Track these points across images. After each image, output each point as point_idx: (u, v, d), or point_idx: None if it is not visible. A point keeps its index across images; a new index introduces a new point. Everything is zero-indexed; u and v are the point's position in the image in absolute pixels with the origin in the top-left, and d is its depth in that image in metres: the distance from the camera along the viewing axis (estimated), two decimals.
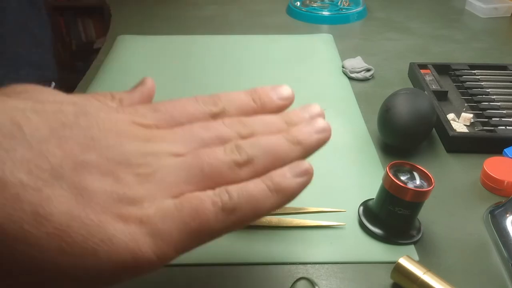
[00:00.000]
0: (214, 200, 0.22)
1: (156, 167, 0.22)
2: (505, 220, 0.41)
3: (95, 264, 0.20)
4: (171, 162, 0.23)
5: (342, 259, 0.39)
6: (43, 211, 0.19)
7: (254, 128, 0.26)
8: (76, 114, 0.22)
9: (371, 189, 0.44)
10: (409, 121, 0.49)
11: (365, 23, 0.93)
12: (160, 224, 0.21)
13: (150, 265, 0.21)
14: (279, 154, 0.25)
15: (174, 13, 0.95)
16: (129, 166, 0.22)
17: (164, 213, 0.21)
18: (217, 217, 0.22)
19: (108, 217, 0.20)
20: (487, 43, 0.83)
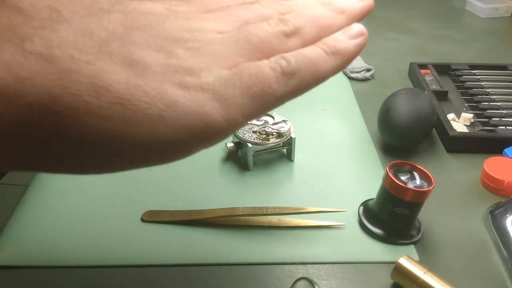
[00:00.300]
0: (272, 66, 0.22)
1: (204, 41, 0.22)
2: (505, 220, 0.41)
3: (165, 131, 0.19)
4: (218, 36, 0.22)
5: (342, 259, 0.39)
6: (100, 82, 0.18)
7: (292, 8, 0.25)
8: (110, 2, 0.21)
9: (371, 189, 0.44)
10: (409, 121, 0.49)
11: (365, 23, 0.92)
12: (222, 90, 0.20)
13: (221, 130, 0.20)
14: (325, 23, 0.25)
15: None
16: (177, 42, 0.21)
17: (224, 80, 0.21)
18: (278, 81, 0.22)
19: (168, 86, 0.19)
20: (487, 43, 0.83)
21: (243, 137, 0.49)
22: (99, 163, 0.20)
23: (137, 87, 0.19)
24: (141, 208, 0.44)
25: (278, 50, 0.23)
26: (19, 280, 0.37)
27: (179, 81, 0.20)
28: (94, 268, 0.39)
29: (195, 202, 0.45)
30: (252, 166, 0.50)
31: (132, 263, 0.39)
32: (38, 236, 0.41)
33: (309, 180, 0.49)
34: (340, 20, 0.26)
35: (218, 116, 0.20)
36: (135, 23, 0.21)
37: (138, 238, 0.41)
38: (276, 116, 0.51)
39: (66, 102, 0.18)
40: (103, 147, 0.19)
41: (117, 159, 0.20)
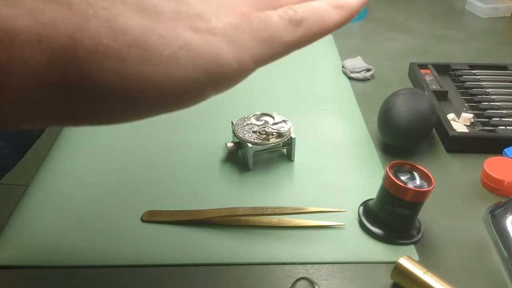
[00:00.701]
0: (280, 15, 0.23)
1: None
2: (505, 220, 0.41)
3: (179, 71, 0.20)
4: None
5: (342, 259, 0.39)
6: (118, 26, 0.19)
7: None
8: None
9: (371, 189, 0.44)
10: (409, 121, 0.49)
11: (365, 23, 0.93)
12: (233, 34, 0.21)
13: (232, 71, 0.21)
14: None
15: None
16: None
17: (234, 25, 0.21)
18: (286, 28, 0.23)
19: (180, 30, 0.20)
20: (487, 43, 0.83)
21: (243, 137, 0.49)
22: (118, 109, 0.20)
23: (152, 31, 0.19)
24: (141, 208, 0.44)
25: (282, 2, 0.24)
26: (19, 280, 0.37)
27: (190, 26, 0.20)
28: (94, 268, 0.39)
29: (195, 202, 0.45)
30: (252, 166, 0.50)
31: (132, 263, 0.39)
32: (38, 236, 0.41)
33: (309, 180, 0.49)
34: None
35: (229, 57, 0.21)
36: None
37: (138, 238, 0.41)
38: (276, 116, 0.51)
39: (86, 46, 0.18)
40: (122, 90, 0.19)
41: (135, 103, 0.20)
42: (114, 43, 0.19)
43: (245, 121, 0.51)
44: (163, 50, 0.19)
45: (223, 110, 0.60)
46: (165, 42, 0.20)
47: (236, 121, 0.51)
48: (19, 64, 0.18)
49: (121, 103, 0.20)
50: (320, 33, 0.24)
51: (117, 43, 0.19)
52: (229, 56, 0.21)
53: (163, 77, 0.20)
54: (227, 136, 0.54)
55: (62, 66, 0.18)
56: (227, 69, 0.21)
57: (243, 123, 0.51)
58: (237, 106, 0.61)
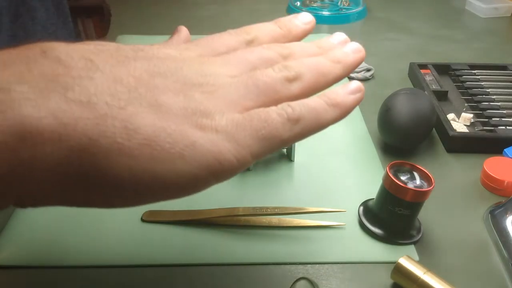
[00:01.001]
0: (279, 112, 0.24)
1: (217, 85, 0.24)
2: (505, 220, 0.41)
3: (185, 168, 0.22)
4: (229, 81, 0.25)
5: (342, 259, 0.39)
6: (131, 125, 0.21)
7: (292, 50, 0.28)
8: (134, 50, 0.25)
9: (371, 189, 0.44)
10: (409, 121, 0.49)
11: (365, 23, 0.93)
12: (234, 132, 0.23)
13: (231, 167, 0.23)
14: (323, 70, 0.28)
15: (174, 13, 0.95)
16: (193, 86, 0.24)
17: (236, 123, 0.23)
18: (284, 127, 0.24)
19: (187, 127, 0.22)
20: (487, 43, 0.83)
21: None
22: (125, 198, 0.22)
23: (162, 129, 0.21)
24: (141, 208, 0.44)
25: (281, 94, 0.26)
26: (19, 280, 0.37)
27: (196, 123, 0.22)
28: (94, 268, 0.39)
29: (195, 202, 0.45)
30: (252, 166, 0.50)
31: (132, 263, 0.39)
32: (38, 236, 0.41)
33: (309, 180, 0.49)
34: (336, 69, 0.29)
35: (230, 155, 0.23)
36: (157, 69, 0.24)
37: (138, 238, 0.41)
38: None
39: (101, 144, 0.20)
40: (130, 183, 0.21)
41: (140, 194, 0.22)
42: (127, 142, 0.20)
43: None
44: (171, 148, 0.21)
45: None
46: (172, 141, 0.21)
47: None
48: (41, 159, 0.19)
49: (128, 193, 0.21)
50: (316, 130, 0.27)
51: (130, 141, 0.21)
52: (230, 154, 0.23)
53: (169, 173, 0.21)
54: None
55: (78, 161, 0.20)
56: (227, 165, 0.23)
57: None
58: None
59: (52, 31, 0.61)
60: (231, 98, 0.24)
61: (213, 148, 0.22)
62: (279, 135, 0.24)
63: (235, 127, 0.23)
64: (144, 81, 0.23)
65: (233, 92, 0.24)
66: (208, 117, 0.23)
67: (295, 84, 0.26)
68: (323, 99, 0.26)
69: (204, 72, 0.25)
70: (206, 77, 0.24)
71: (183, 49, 0.27)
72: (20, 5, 0.54)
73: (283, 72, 0.26)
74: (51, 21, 0.61)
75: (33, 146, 0.19)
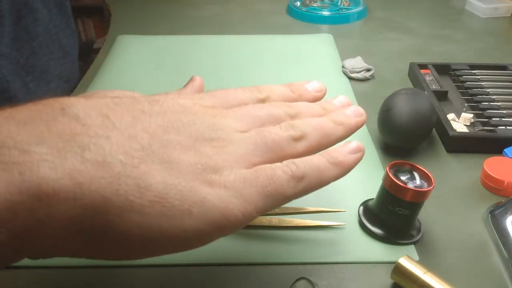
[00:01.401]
0: (284, 170, 0.26)
1: (227, 140, 0.26)
2: (505, 220, 0.41)
3: (192, 224, 0.22)
4: (239, 136, 0.26)
5: (342, 259, 0.39)
6: (143, 183, 0.22)
7: (299, 110, 0.30)
8: (150, 102, 0.25)
9: (371, 189, 0.44)
10: (409, 121, 0.49)
11: (365, 23, 0.93)
12: (241, 188, 0.24)
13: (237, 222, 0.24)
14: (327, 131, 0.29)
15: (174, 13, 0.95)
16: (205, 141, 0.25)
17: (244, 179, 0.24)
18: (288, 184, 0.25)
19: (197, 184, 0.23)
20: (487, 43, 0.83)
21: None
22: (132, 252, 0.23)
23: (172, 186, 0.22)
24: None
25: (287, 153, 0.27)
26: (19, 280, 0.37)
27: (205, 179, 0.23)
28: (94, 268, 0.39)
29: None
30: None
31: (132, 263, 0.39)
32: None
33: None
34: (339, 131, 0.30)
35: (236, 211, 0.23)
36: (171, 124, 0.25)
37: None
38: None
39: (114, 202, 0.21)
40: (139, 239, 0.22)
41: (148, 249, 0.23)
42: (139, 199, 0.21)
43: None
44: (180, 205, 0.22)
45: None
46: (182, 197, 0.22)
47: None
48: (55, 218, 0.20)
49: (135, 247, 0.22)
50: (318, 187, 0.28)
51: (141, 199, 0.21)
52: (236, 210, 0.23)
53: (176, 229, 0.22)
54: None
55: (90, 219, 0.21)
56: (233, 220, 0.23)
57: None
58: None
59: (54, 32, 0.61)
60: (240, 153, 0.25)
61: (220, 204, 0.23)
62: (283, 192, 0.25)
63: (243, 183, 0.24)
64: (158, 137, 0.23)
65: (242, 148, 0.26)
66: (217, 172, 0.24)
67: (300, 143, 0.28)
68: (325, 157, 0.28)
69: (216, 126, 0.26)
70: (218, 131, 0.26)
71: (197, 99, 0.28)
72: (23, 7, 0.55)
73: (290, 131, 0.28)
74: (53, 22, 0.61)
75: (49, 206, 0.20)
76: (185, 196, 0.22)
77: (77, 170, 0.21)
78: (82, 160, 0.21)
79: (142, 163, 0.22)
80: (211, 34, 0.83)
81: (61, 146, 0.21)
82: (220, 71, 0.71)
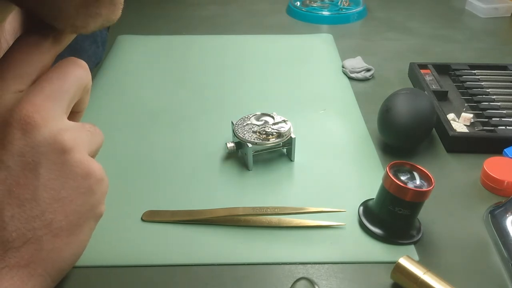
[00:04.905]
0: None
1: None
2: (505, 220, 0.41)
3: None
4: None
5: (342, 259, 0.39)
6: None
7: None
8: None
9: (371, 189, 0.44)
10: (409, 121, 0.49)
11: (365, 23, 0.93)
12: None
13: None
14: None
15: (174, 13, 0.95)
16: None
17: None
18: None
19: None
20: (487, 43, 0.83)
21: (243, 137, 0.49)
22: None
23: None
24: (141, 208, 0.44)
25: None
26: None
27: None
28: (94, 268, 0.39)
29: (195, 202, 0.45)
30: (252, 166, 0.50)
31: (132, 263, 0.39)
32: None
33: (309, 180, 0.49)
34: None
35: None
36: None
37: (138, 238, 0.41)
38: (276, 116, 0.51)
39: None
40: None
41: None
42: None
43: (245, 121, 0.51)
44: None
45: (223, 110, 0.60)
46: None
47: (236, 121, 0.51)
48: None
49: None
50: None
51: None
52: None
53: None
54: (227, 136, 0.54)
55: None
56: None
57: (243, 123, 0.51)
58: (237, 106, 0.61)
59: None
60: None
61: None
62: None
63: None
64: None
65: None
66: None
67: None
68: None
69: None
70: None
71: None
72: (66, 54, 0.57)
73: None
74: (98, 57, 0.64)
75: None
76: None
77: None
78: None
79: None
80: (211, 34, 0.83)
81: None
82: (220, 71, 0.71)
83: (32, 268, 0.28)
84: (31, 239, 0.28)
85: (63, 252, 0.29)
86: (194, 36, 0.83)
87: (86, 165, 0.29)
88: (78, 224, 0.30)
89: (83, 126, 0.31)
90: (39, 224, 0.28)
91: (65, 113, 0.30)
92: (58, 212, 0.28)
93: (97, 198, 0.31)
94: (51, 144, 0.28)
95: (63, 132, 0.28)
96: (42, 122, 0.27)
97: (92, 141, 0.31)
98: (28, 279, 0.28)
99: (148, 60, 0.74)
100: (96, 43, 0.69)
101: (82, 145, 0.29)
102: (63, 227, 0.29)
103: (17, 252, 0.27)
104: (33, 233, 0.28)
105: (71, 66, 0.30)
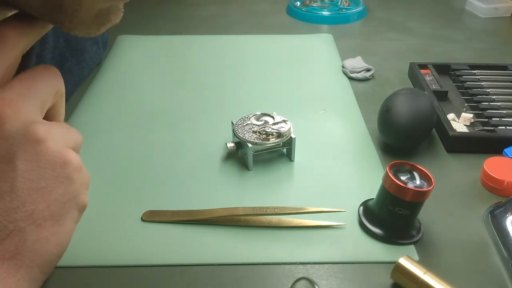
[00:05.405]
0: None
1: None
2: (505, 220, 0.41)
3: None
4: None
5: (342, 259, 0.39)
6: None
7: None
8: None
9: (371, 189, 0.44)
10: (409, 121, 0.49)
11: (365, 23, 0.93)
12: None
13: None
14: None
15: (174, 13, 0.95)
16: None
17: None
18: None
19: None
20: (487, 43, 0.83)
21: (243, 137, 0.49)
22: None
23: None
24: (141, 208, 0.44)
25: None
26: None
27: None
28: (94, 268, 0.39)
29: (195, 202, 0.45)
30: (252, 166, 0.50)
31: (132, 263, 0.39)
32: None
33: (309, 180, 0.49)
34: None
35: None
36: None
37: (138, 238, 0.41)
38: (276, 116, 0.51)
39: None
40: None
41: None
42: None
43: (245, 121, 0.51)
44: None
45: (223, 110, 0.60)
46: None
47: (236, 121, 0.51)
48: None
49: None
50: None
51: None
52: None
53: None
54: (227, 136, 0.54)
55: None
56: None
57: (243, 123, 0.51)
58: (237, 106, 0.61)
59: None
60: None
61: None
62: None
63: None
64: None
65: None
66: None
67: None
68: None
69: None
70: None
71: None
72: (65, 50, 0.57)
73: None
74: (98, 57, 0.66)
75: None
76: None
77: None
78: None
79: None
80: (211, 34, 0.83)
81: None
82: (220, 71, 0.71)
83: (18, 260, 0.28)
84: (14, 231, 0.27)
85: (48, 243, 0.29)
86: (194, 36, 0.83)
87: (62, 154, 0.29)
88: (61, 214, 0.30)
89: (58, 123, 0.31)
90: (20, 215, 0.28)
91: (38, 111, 0.30)
92: (38, 202, 0.28)
93: (77, 187, 0.31)
94: (25, 134, 0.27)
95: (36, 124, 0.28)
96: (14, 115, 0.27)
97: (68, 136, 0.31)
98: (15, 271, 0.28)
99: (148, 60, 0.74)
100: (97, 44, 0.70)
101: (56, 136, 0.29)
102: (46, 217, 0.29)
103: (0, 245, 0.27)
104: (15, 224, 0.27)
105: (41, 69, 0.30)
